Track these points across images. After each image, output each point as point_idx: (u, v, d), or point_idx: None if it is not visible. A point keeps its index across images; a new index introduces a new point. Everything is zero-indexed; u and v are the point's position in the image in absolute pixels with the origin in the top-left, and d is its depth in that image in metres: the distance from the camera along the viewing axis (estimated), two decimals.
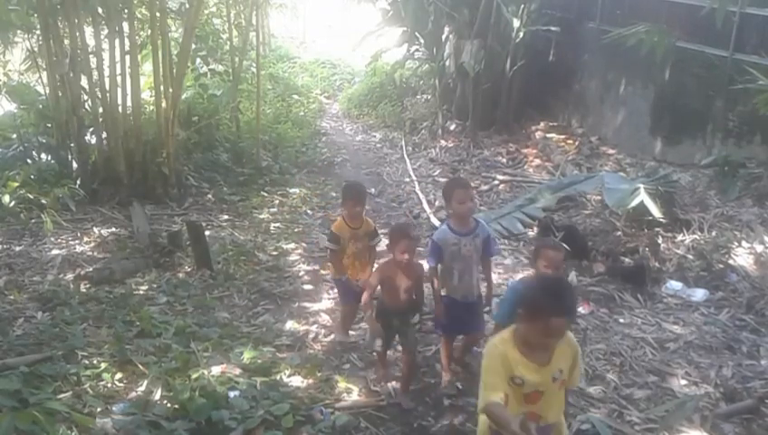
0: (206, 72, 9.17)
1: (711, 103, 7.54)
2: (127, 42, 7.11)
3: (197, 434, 3.32)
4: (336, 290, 4.87)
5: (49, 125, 7.64)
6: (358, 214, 4.33)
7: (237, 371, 3.96)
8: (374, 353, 4.09)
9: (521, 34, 9.55)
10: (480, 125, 10.10)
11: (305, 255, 6.22)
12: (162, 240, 5.97)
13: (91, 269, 5.43)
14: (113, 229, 6.51)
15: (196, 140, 8.49)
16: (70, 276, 5.37)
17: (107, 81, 7.11)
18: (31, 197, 6.57)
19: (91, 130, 7.44)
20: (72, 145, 7.35)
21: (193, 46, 8.26)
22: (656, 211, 6.00)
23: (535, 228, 6.56)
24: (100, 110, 7.25)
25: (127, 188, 7.17)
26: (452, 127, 10.42)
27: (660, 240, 5.91)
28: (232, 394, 3.64)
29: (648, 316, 4.91)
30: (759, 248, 5.57)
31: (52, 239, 6.14)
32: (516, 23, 9.42)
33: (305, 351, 4.45)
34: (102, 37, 7.41)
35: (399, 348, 4.14)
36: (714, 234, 5.91)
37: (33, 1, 6.88)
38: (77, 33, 7.00)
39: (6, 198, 6.45)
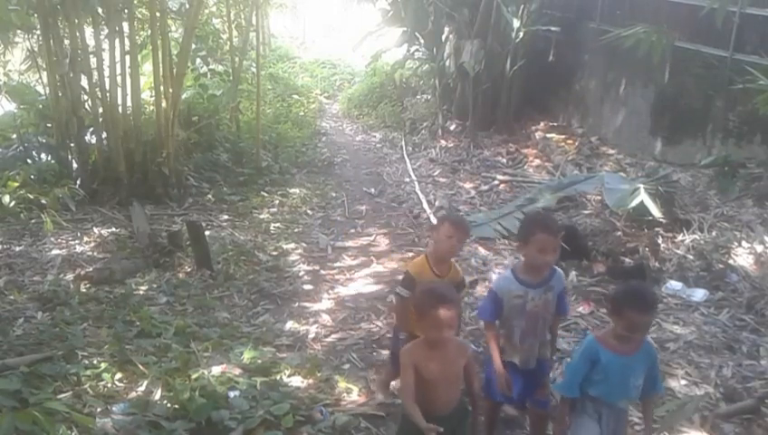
0: (206, 72, 9.17)
1: (711, 103, 7.54)
2: (127, 42, 7.11)
3: (197, 434, 3.32)
4: (392, 344, 3.83)
5: (49, 125, 7.64)
6: (448, 255, 3.31)
7: (237, 371, 3.96)
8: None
9: (521, 34, 9.55)
10: (480, 125, 10.10)
11: (305, 255, 6.22)
12: (162, 240, 5.97)
13: (91, 269, 5.43)
14: (113, 229, 6.51)
15: (196, 140, 8.48)
16: (70, 276, 5.36)
17: (107, 81, 7.11)
18: (31, 197, 6.56)
19: (91, 130, 7.44)
20: (72, 145, 7.34)
21: (193, 46, 8.26)
22: (656, 211, 6.00)
23: None
24: (100, 110, 7.25)
25: (127, 188, 7.17)
26: (452, 127, 10.41)
27: (660, 240, 5.91)
28: (232, 394, 3.64)
29: None
30: (759, 248, 5.57)
31: (52, 239, 6.14)
32: (516, 23, 9.42)
33: (305, 351, 4.45)
34: (102, 37, 7.41)
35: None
36: (714, 234, 5.91)
37: (33, 1, 6.88)
38: (77, 33, 7.00)
39: (6, 198, 6.44)
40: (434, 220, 6.86)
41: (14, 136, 7.76)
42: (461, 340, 2.83)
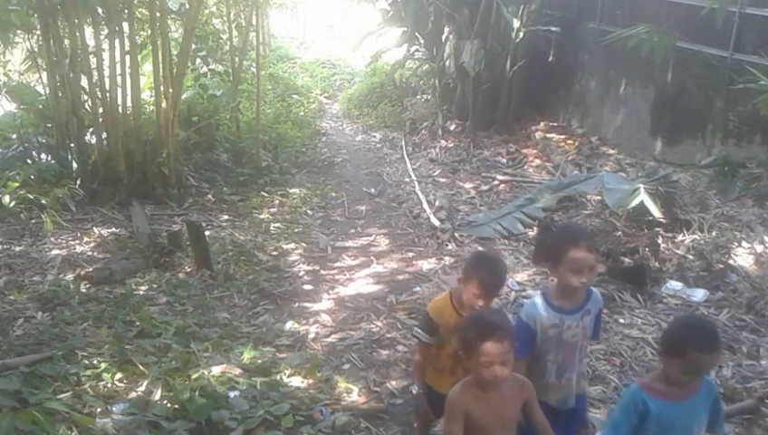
0: (206, 72, 9.17)
1: (711, 103, 7.54)
2: (127, 42, 7.11)
3: (197, 434, 3.32)
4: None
5: (49, 125, 7.64)
6: (473, 308, 2.71)
7: (237, 371, 3.96)
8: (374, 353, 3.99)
9: (521, 34, 9.55)
10: (480, 125, 10.10)
11: (305, 255, 6.22)
12: (162, 240, 5.98)
13: (91, 269, 5.43)
14: (113, 229, 6.51)
15: (196, 140, 8.49)
16: (70, 276, 5.37)
17: (107, 81, 7.11)
18: (31, 197, 6.55)
19: (91, 130, 7.43)
20: (71, 145, 7.34)
21: (193, 46, 8.25)
22: (656, 211, 6.00)
23: (535, 228, 6.56)
24: (100, 110, 7.25)
25: (127, 188, 7.17)
26: (452, 127, 10.41)
27: (660, 240, 5.91)
28: (232, 394, 3.64)
29: (647, 316, 4.90)
30: (759, 248, 5.57)
31: (52, 239, 6.14)
32: (516, 23, 9.42)
33: (305, 351, 4.45)
34: (102, 37, 7.41)
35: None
36: (714, 234, 5.91)
37: (33, 1, 6.87)
38: (77, 33, 7.00)
39: (6, 198, 6.43)
40: (435, 221, 6.86)
41: (14, 136, 7.75)
42: (518, 375, 2.39)
